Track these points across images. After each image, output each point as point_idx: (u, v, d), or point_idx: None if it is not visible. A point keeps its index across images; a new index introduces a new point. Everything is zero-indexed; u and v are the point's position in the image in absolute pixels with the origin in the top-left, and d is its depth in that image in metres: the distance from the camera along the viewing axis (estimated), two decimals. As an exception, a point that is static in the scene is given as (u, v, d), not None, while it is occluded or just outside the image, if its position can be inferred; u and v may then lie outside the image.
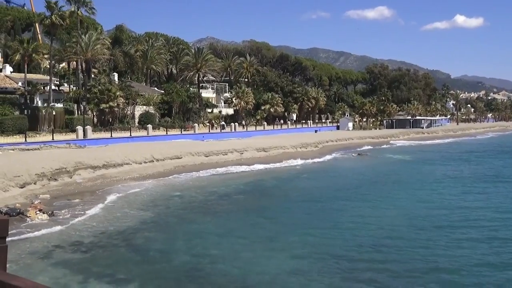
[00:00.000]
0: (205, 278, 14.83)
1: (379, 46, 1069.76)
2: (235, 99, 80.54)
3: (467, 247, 17.89)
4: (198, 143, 50.82)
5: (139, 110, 64.43)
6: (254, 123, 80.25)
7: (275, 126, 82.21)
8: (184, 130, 61.40)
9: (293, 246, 18.30)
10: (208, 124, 69.05)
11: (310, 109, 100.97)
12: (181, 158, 41.39)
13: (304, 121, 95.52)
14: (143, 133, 55.67)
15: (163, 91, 71.49)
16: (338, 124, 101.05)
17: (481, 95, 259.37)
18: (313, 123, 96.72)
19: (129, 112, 62.90)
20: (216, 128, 69.25)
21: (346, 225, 21.44)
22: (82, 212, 23.09)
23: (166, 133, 57.49)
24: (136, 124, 61.19)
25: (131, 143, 47.50)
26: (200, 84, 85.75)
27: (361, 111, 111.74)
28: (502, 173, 40.94)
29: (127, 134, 53.21)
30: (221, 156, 45.46)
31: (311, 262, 16.25)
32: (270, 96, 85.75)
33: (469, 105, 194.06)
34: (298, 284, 14.29)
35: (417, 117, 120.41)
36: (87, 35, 60.59)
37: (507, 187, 32.83)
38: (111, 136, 50.39)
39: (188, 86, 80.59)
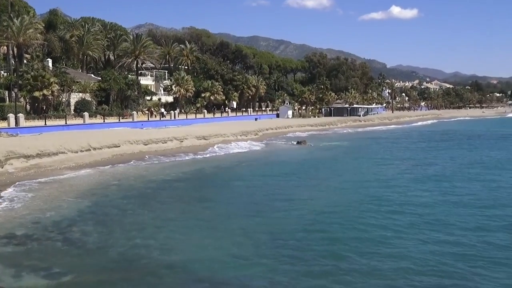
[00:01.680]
0: (143, 268, 14.66)
1: (318, 35, 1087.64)
2: (175, 87, 79.60)
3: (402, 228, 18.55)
4: (137, 131, 49.97)
5: (75, 97, 62.47)
6: (194, 111, 79.68)
7: (216, 114, 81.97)
8: (122, 118, 60.16)
9: (233, 233, 18.39)
10: (147, 112, 67.97)
11: (250, 97, 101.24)
12: (119, 146, 40.57)
13: (244, 109, 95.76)
14: (79, 121, 54.12)
15: (100, 78, 69.55)
16: (278, 112, 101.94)
17: (415, 84, 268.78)
18: (253, 111, 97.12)
19: (64, 99, 60.89)
20: (156, 116, 68.26)
21: (285, 211, 21.72)
22: (14, 203, 22.29)
23: (104, 121, 56.14)
24: (72, 112, 59.32)
25: (66, 132, 46.12)
26: (139, 71, 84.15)
27: (300, 99, 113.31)
28: (430, 155, 42.62)
29: (62, 122, 51.61)
30: (161, 144, 44.93)
31: (251, 248, 16.39)
32: (210, 84, 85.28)
33: (403, 94, 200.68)
34: (239, 270, 14.40)
35: (355, 106, 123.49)
36: (18, 19, 58.03)
37: (433, 167, 34.26)
38: (45, 124, 48.77)
39: (126, 73, 78.91)
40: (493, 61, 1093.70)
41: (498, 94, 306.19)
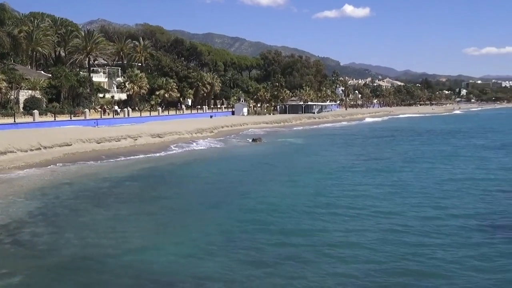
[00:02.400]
0: (96, 269, 14.42)
1: (273, 32, 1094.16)
2: (128, 84, 78.47)
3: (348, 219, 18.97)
4: (89, 129, 49.01)
5: (24, 94, 60.65)
6: (149, 109, 78.80)
7: (170, 112, 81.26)
8: (74, 116, 58.80)
9: (189, 230, 18.35)
10: (99, 109, 66.68)
11: (205, 94, 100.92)
12: (71, 145, 39.67)
13: (199, 107, 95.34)
14: (28, 119, 52.60)
15: (50, 75, 67.75)
16: (233, 110, 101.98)
17: (367, 82, 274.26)
18: (208, 108, 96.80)
19: (12, 97, 59.07)
20: (109, 114, 67.08)
21: (240, 207, 21.81)
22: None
23: (54, 119, 54.71)
24: (21, 110, 57.62)
25: (15, 130, 44.74)
26: (91, 68, 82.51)
27: (255, 96, 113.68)
28: (385, 150, 43.69)
29: (10, 120, 50.05)
30: (114, 143, 44.20)
31: (205, 246, 16.39)
32: (164, 81, 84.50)
33: (356, 91, 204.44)
34: (194, 268, 14.38)
35: (309, 103, 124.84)
36: (-37, 14, 55.95)
37: (383, 162, 35.15)
38: (-7, 122, 47.20)
39: (78, 70, 77.19)
40: (442, 59, 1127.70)
41: (447, 92, 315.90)
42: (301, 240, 16.92)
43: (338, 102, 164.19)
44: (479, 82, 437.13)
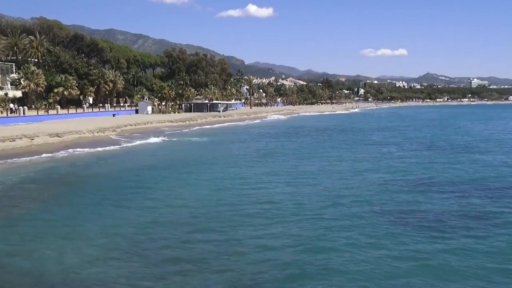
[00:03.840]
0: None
1: (177, 30, 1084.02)
2: (24, 81, 74.45)
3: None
4: (-20, 129, 45.94)
5: None
6: (46, 107, 75.19)
7: (70, 110, 78.04)
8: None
9: (90, 234, 17.74)
10: (-8, 107, 62.69)
11: (107, 92, 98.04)
12: (-41, 146, 36.99)
13: (101, 105, 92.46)
14: None
15: None
16: (137, 108, 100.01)
17: (271, 81, 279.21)
18: (111, 106, 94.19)
19: None
20: (2, 113, 63.20)
21: (143, 206, 21.48)
22: None
23: None
24: None
25: None
26: (-19, 64, 77.32)
27: (160, 94, 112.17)
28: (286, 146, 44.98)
29: None
30: (9, 143, 41.77)
31: (109, 248, 15.99)
32: (63, 78, 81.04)
33: (261, 90, 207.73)
34: (95, 272, 13.97)
35: (214, 101, 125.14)
36: None
37: (288, 160, 36.23)
38: None
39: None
40: (341, 60, 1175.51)
41: (346, 91, 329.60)
42: (203, 237, 16.98)
43: (243, 100, 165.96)
44: (375, 82, 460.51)
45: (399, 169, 33.29)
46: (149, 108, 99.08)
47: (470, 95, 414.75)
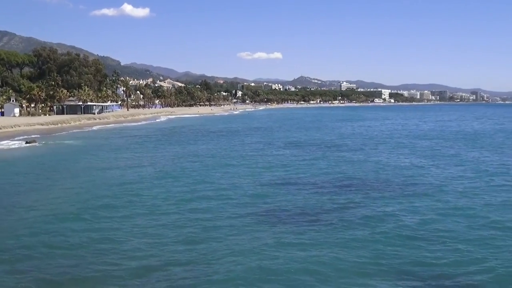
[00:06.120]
0: None
1: (47, 28, 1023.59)
2: None
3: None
4: None
5: None
6: None
7: None
8: None
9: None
10: None
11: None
12: None
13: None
14: None
15: None
16: (3, 110, 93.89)
17: (149, 83, 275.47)
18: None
19: None
20: None
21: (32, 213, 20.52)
22: None
23: None
24: None
25: None
26: None
27: (28, 96, 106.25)
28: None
29: None
30: None
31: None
32: None
33: (138, 92, 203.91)
34: None
35: (89, 103, 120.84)
36: None
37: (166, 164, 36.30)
38: None
39: None
40: (219, 62, 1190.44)
41: (224, 93, 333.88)
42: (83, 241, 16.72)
43: (119, 102, 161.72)
44: (252, 84, 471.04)
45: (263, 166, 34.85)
46: (17, 110, 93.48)
47: (340, 98, 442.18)
